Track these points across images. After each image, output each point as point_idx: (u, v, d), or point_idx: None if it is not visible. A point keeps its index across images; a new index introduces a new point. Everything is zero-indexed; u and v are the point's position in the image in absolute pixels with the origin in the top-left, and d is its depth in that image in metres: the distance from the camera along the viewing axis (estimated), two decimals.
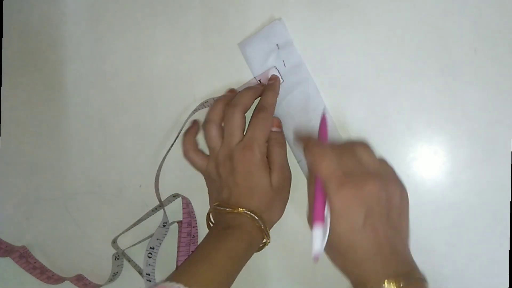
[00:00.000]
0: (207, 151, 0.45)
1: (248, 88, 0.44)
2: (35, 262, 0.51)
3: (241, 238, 0.38)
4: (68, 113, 0.51)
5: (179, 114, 0.48)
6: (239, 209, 0.39)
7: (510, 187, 0.41)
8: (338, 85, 0.44)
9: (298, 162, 0.45)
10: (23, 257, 0.51)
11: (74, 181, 0.51)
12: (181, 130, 0.46)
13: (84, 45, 0.51)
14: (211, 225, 0.43)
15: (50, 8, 0.51)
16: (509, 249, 0.41)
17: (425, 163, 0.43)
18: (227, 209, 0.40)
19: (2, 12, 0.53)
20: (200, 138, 0.46)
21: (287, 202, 0.43)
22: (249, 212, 0.39)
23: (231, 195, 0.41)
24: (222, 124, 0.43)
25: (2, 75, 0.53)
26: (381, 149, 0.43)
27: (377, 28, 0.44)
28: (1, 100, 0.53)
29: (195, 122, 0.46)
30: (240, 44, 0.46)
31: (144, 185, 0.49)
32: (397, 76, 0.43)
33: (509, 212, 0.41)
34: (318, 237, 0.32)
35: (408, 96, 0.43)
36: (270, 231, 0.41)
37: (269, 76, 0.45)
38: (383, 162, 0.38)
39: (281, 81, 0.44)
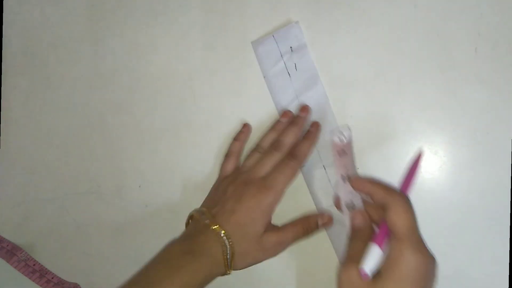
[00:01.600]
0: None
1: (294, 124, 0.43)
2: (34, 265, 0.51)
3: (200, 270, 0.37)
4: (68, 113, 0.51)
5: (179, 114, 0.48)
6: (220, 230, 0.38)
7: (510, 187, 0.41)
8: (338, 85, 0.44)
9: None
10: (22, 260, 0.51)
11: (74, 181, 0.51)
12: None
13: (84, 45, 0.51)
14: (189, 223, 0.42)
15: (50, 8, 0.52)
16: (509, 249, 0.41)
17: (425, 163, 0.43)
18: (206, 220, 0.39)
19: (2, 12, 0.53)
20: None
21: (256, 263, 0.41)
22: (225, 238, 0.38)
23: (221, 216, 0.40)
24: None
25: (2, 75, 0.53)
26: (381, 149, 0.43)
27: (377, 28, 0.44)
28: (1, 100, 0.53)
29: (246, 126, 0.46)
30: (253, 42, 0.46)
31: (144, 185, 0.49)
32: (397, 76, 0.43)
33: (509, 212, 0.41)
34: (376, 257, 0.32)
35: (408, 96, 0.43)
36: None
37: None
38: None
39: (345, 152, 0.42)
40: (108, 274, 0.50)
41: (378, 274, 0.32)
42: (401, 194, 0.34)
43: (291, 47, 0.44)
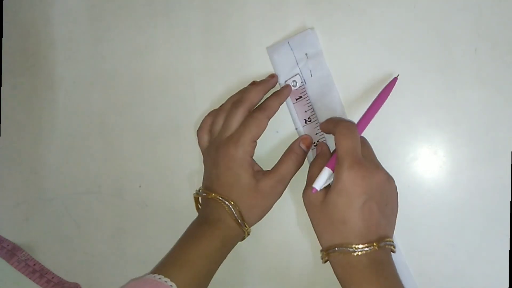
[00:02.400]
0: None
1: (258, 84, 0.44)
2: (34, 265, 0.51)
3: (215, 235, 0.40)
4: (68, 113, 0.51)
5: (179, 114, 0.48)
6: (218, 197, 0.40)
7: (510, 187, 0.41)
8: (338, 85, 0.44)
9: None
10: (22, 260, 0.51)
11: (74, 181, 0.51)
12: None
13: (84, 45, 0.51)
14: (199, 207, 0.44)
15: (50, 8, 0.51)
16: (509, 249, 0.41)
17: (425, 163, 0.43)
18: (203, 194, 0.42)
19: (2, 12, 0.53)
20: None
21: (267, 211, 0.43)
22: (225, 201, 0.40)
23: (213, 185, 0.42)
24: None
25: (2, 75, 0.53)
26: (381, 149, 0.43)
27: (377, 28, 0.44)
28: (1, 100, 0.53)
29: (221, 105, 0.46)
30: (268, 48, 0.45)
31: (144, 185, 0.49)
32: (397, 76, 0.43)
33: (509, 212, 0.41)
34: (325, 177, 0.38)
35: (408, 96, 0.43)
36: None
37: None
38: None
39: (295, 86, 0.44)
40: (108, 274, 0.50)
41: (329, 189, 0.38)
42: (345, 123, 0.39)
43: (306, 54, 0.44)
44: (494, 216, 0.42)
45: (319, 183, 0.38)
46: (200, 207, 0.44)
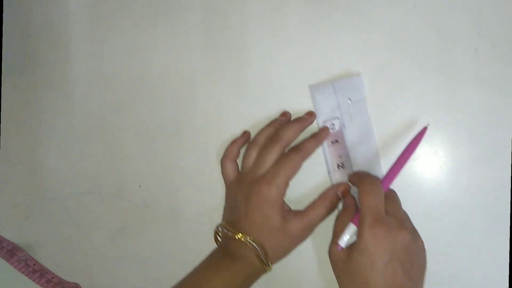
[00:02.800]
0: None
1: (294, 121, 0.43)
2: (34, 265, 0.51)
3: (239, 271, 0.39)
4: (68, 113, 0.51)
5: (179, 114, 0.48)
6: (245, 237, 0.40)
7: (510, 187, 0.41)
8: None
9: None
10: (22, 260, 0.51)
11: (74, 181, 0.51)
12: None
13: (84, 45, 0.51)
14: (218, 238, 0.43)
15: (50, 8, 0.51)
16: (509, 249, 0.41)
17: (425, 163, 0.43)
18: (229, 233, 0.41)
19: (2, 12, 0.53)
20: None
21: (291, 251, 0.42)
22: (253, 243, 0.39)
23: (240, 222, 0.41)
24: None
25: (2, 75, 0.53)
26: (381, 149, 0.43)
27: (377, 28, 0.44)
28: (1, 100, 0.53)
29: (246, 133, 0.46)
30: (311, 87, 0.45)
31: (144, 185, 0.49)
32: (397, 76, 0.43)
33: (509, 212, 0.41)
34: (349, 233, 0.37)
35: (408, 96, 0.43)
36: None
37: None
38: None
39: (333, 129, 0.44)
40: (108, 274, 0.50)
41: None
42: (369, 179, 0.39)
43: (349, 99, 0.44)
44: (494, 216, 0.42)
45: (344, 240, 0.37)
46: (220, 239, 0.43)
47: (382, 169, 0.43)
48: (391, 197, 0.40)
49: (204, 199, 0.47)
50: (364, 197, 0.37)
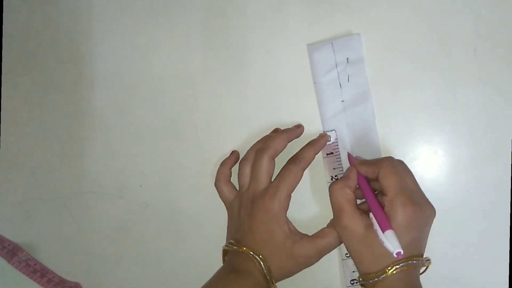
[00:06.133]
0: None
1: (281, 132, 0.43)
2: (35, 265, 0.51)
3: (244, 286, 0.38)
4: (68, 113, 0.51)
5: (179, 114, 0.48)
6: (249, 252, 0.39)
7: (510, 187, 0.41)
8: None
9: None
10: (23, 260, 0.51)
11: (74, 181, 0.51)
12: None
13: (84, 45, 0.51)
14: (225, 258, 0.43)
15: (50, 9, 0.51)
16: (509, 249, 0.41)
17: (425, 163, 0.43)
18: (235, 247, 0.40)
19: (2, 12, 0.53)
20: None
21: (295, 273, 0.41)
22: (256, 256, 0.39)
23: (244, 238, 0.40)
24: None
25: (2, 75, 0.53)
26: (381, 149, 0.43)
27: (377, 28, 0.44)
28: (1, 100, 0.53)
29: (234, 153, 0.46)
30: (309, 45, 0.45)
31: (144, 185, 0.49)
32: (397, 76, 0.43)
33: (509, 212, 0.41)
34: (395, 239, 0.35)
35: (408, 96, 0.43)
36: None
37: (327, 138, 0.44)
38: None
39: (329, 141, 0.44)
40: (109, 274, 0.50)
41: None
42: (387, 159, 0.39)
43: (347, 58, 0.43)
44: (494, 216, 0.42)
45: (397, 244, 0.35)
46: (226, 258, 0.42)
47: (378, 130, 0.43)
48: (407, 171, 0.39)
49: (204, 199, 0.47)
50: (390, 177, 0.37)
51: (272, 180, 0.41)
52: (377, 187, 0.40)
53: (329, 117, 0.44)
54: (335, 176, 0.44)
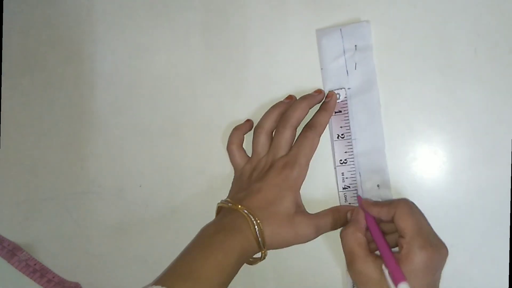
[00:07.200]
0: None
1: (302, 99, 0.43)
2: (35, 264, 0.51)
3: (233, 248, 0.37)
4: (68, 113, 0.51)
5: (179, 114, 0.48)
6: (244, 210, 0.38)
7: (510, 187, 0.41)
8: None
9: None
10: (23, 260, 0.51)
11: (74, 181, 0.51)
12: None
13: (84, 45, 0.51)
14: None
15: (50, 8, 0.52)
16: (509, 249, 0.41)
17: (425, 163, 0.43)
18: (229, 204, 0.40)
19: (2, 12, 0.53)
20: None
21: (286, 245, 0.40)
22: (251, 216, 0.38)
23: (247, 197, 0.40)
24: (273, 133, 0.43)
25: (2, 75, 0.53)
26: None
27: (377, 28, 0.44)
28: (1, 100, 0.53)
29: (248, 121, 0.46)
30: (318, 31, 0.44)
31: (144, 185, 0.49)
32: (397, 75, 0.43)
33: (509, 212, 0.41)
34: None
35: (408, 96, 0.43)
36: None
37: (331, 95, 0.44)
38: None
39: (338, 100, 0.43)
40: (108, 274, 0.50)
41: None
42: (403, 200, 0.38)
43: (355, 45, 0.43)
44: (494, 216, 0.42)
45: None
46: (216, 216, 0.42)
47: (382, 120, 0.43)
48: (421, 211, 0.39)
49: (204, 199, 0.47)
50: (407, 218, 0.36)
51: None
52: (386, 229, 0.40)
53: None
54: (342, 135, 0.43)
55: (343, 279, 0.44)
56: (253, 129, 0.45)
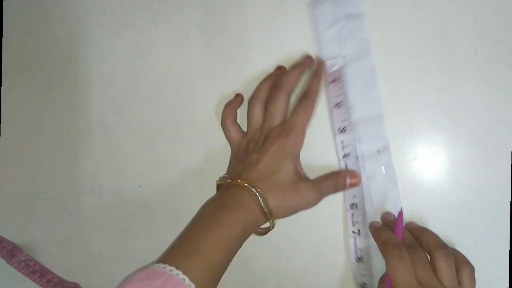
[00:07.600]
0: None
1: (294, 68, 0.43)
2: (34, 265, 0.51)
3: (236, 223, 0.36)
4: (68, 113, 0.51)
5: (179, 114, 0.48)
6: (245, 183, 0.38)
7: (510, 187, 0.41)
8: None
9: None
10: (23, 260, 0.51)
11: (74, 181, 0.51)
12: None
13: (84, 45, 0.51)
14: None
15: (50, 8, 0.52)
16: (509, 249, 0.41)
17: (425, 163, 0.43)
18: (228, 180, 0.39)
19: (2, 12, 0.53)
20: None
21: (291, 213, 0.40)
22: (252, 188, 0.37)
23: (245, 170, 0.39)
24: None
25: (2, 75, 0.53)
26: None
27: (377, 28, 0.44)
28: (1, 100, 0.53)
29: (238, 95, 0.46)
30: (311, 1, 0.45)
31: (144, 185, 0.49)
32: (397, 76, 0.43)
33: (509, 212, 0.41)
34: None
35: (408, 96, 0.43)
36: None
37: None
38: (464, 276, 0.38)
39: (334, 79, 0.43)
40: (108, 274, 0.50)
41: None
42: (395, 249, 0.37)
43: (347, 14, 0.43)
44: (494, 216, 0.42)
45: None
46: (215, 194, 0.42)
47: (379, 88, 0.43)
48: (421, 262, 0.37)
49: (204, 199, 0.47)
50: (395, 273, 0.36)
51: None
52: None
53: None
54: (338, 103, 0.43)
55: (351, 272, 0.44)
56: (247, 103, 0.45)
